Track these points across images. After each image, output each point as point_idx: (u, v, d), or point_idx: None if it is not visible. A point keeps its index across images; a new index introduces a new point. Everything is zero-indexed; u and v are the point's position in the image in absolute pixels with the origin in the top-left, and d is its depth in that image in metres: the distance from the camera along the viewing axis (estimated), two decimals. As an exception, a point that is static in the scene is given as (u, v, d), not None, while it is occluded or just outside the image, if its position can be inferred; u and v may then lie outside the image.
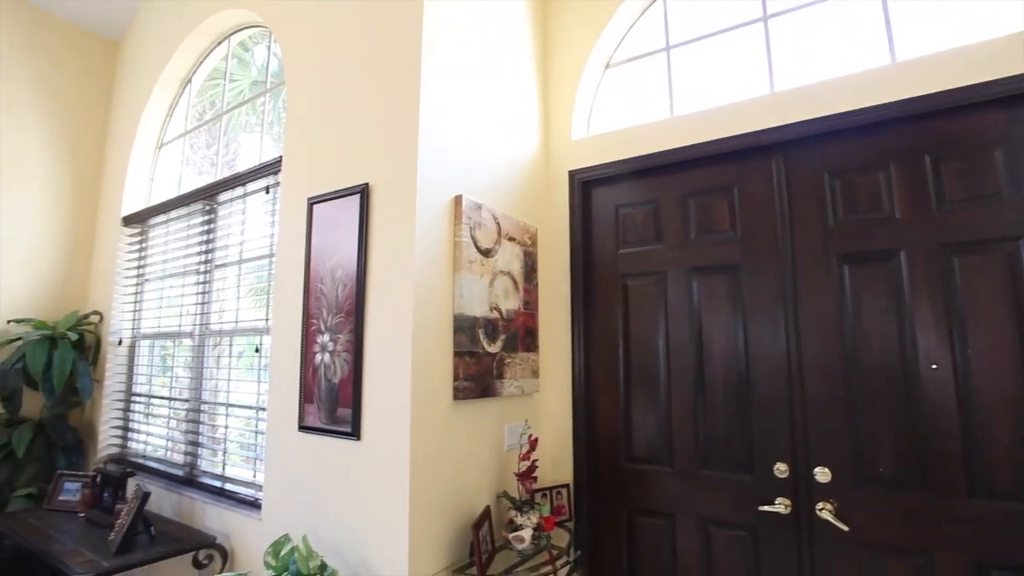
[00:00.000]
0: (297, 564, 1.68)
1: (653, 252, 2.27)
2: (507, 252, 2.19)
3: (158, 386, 3.09)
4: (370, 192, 1.92)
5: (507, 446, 2.16)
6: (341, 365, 1.89)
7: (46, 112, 3.44)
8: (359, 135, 2.01)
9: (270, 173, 2.48)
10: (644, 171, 2.31)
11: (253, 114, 2.98)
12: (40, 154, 3.40)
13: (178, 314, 2.92)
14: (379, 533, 1.74)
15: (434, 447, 1.79)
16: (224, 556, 2.22)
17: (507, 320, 2.16)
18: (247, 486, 2.35)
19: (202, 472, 2.62)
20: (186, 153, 3.36)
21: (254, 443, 2.40)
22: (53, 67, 3.48)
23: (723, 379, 2.05)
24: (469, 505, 1.93)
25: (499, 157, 2.25)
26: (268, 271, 2.45)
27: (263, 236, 2.50)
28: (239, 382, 2.56)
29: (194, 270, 2.85)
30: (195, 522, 2.44)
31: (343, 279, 1.92)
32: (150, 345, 3.19)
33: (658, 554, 2.13)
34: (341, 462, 1.87)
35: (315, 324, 2.00)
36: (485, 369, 2.02)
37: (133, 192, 3.42)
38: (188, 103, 3.40)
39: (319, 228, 2.05)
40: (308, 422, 1.98)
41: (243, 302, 2.59)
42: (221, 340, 2.69)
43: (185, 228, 2.99)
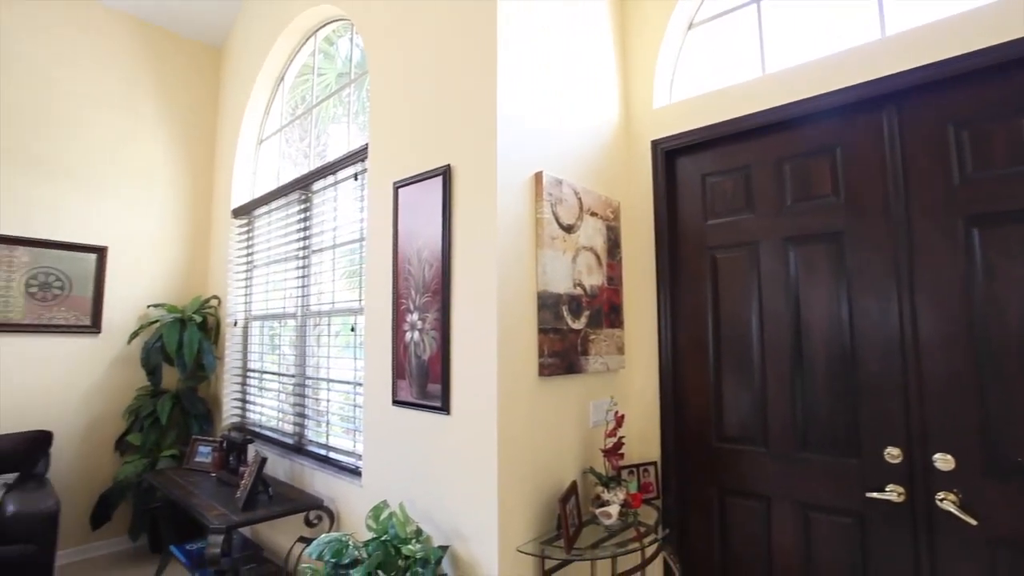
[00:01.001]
0: (395, 528, 1.80)
1: (744, 222, 2.14)
2: (589, 227, 2.16)
3: (268, 363, 3.40)
4: (452, 173, 1.96)
5: (592, 422, 2.16)
6: (430, 343, 1.97)
7: (165, 118, 3.81)
8: (439, 117, 2.05)
9: (358, 160, 2.60)
10: (733, 136, 2.17)
11: (340, 105, 3.12)
12: (162, 156, 3.79)
13: (282, 297, 3.17)
14: (469, 503, 1.82)
15: (520, 422, 1.83)
16: (331, 517, 2.42)
17: (591, 296, 2.15)
18: (348, 455, 2.54)
19: (309, 441, 2.86)
20: (282, 147, 3.60)
21: (353, 416, 2.57)
22: (169, 76, 3.84)
23: (824, 356, 1.92)
24: (555, 479, 1.96)
25: (578, 131, 2.21)
26: (360, 254, 2.58)
27: (354, 221, 2.64)
28: (338, 359, 2.74)
29: (294, 255, 3.07)
30: (305, 486, 2.67)
31: (429, 259, 1.99)
32: (260, 325, 3.49)
33: (752, 537, 2.05)
34: (432, 435, 1.97)
35: (404, 304, 2.10)
36: (569, 346, 2.02)
37: (240, 186, 3.74)
38: (282, 100, 3.63)
39: (405, 211, 2.13)
40: (401, 397, 2.09)
41: (338, 284, 2.76)
42: (320, 320, 2.89)
43: (284, 217, 3.22)
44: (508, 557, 1.74)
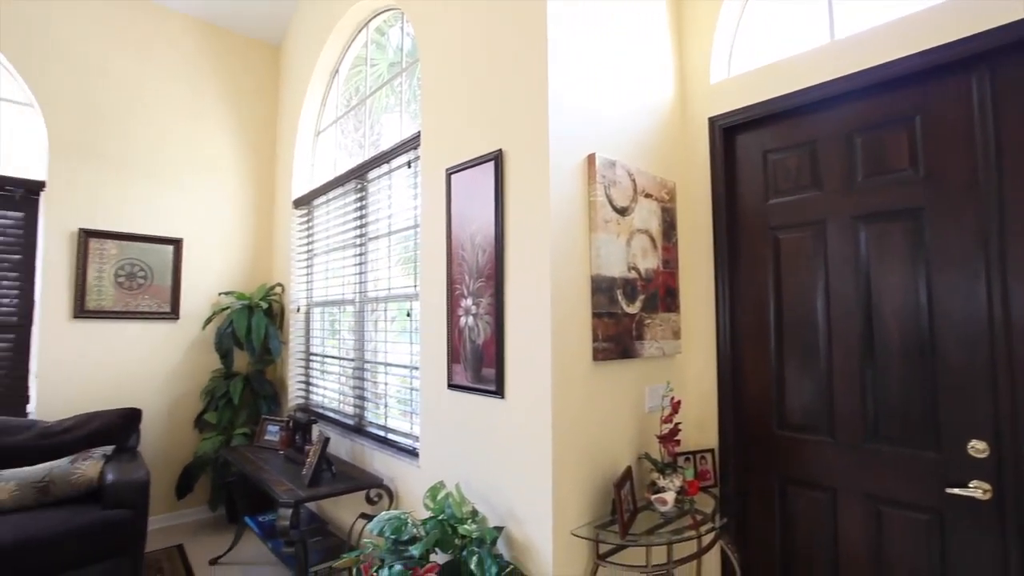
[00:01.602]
0: (452, 508, 1.85)
1: (810, 200, 2.03)
2: (644, 209, 2.11)
3: (329, 347, 3.54)
4: (504, 158, 1.96)
5: (648, 408, 2.13)
6: (484, 327, 1.99)
7: (231, 115, 4.00)
8: (490, 102, 2.05)
9: (410, 148, 2.64)
10: (797, 109, 2.05)
11: (392, 95, 3.17)
12: (229, 152, 3.98)
13: (341, 283, 3.29)
14: (524, 486, 1.84)
15: (575, 406, 1.83)
16: (390, 496, 2.52)
17: (646, 280, 2.10)
18: (406, 437, 2.62)
19: (368, 423, 2.97)
20: (338, 138, 3.70)
21: (410, 399, 2.65)
22: (233, 76, 4.02)
23: (899, 341, 1.80)
24: (610, 464, 1.96)
25: (632, 111, 2.15)
26: (414, 241, 2.64)
27: (408, 208, 2.69)
28: (394, 344, 2.82)
29: (351, 243, 3.17)
30: (365, 465, 2.78)
31: (482, 245, 2.01)
32: (321, 311, 3.64)
33: (816, 529, 1.97)
34: (487, 418, 2.00)
35: (458, 289, 2.13)
36: (624, 330, 1.99)
37: (299, 177, 3.88)
38: (337, 92, 3.73)
39: (457, 197, 2.15)
40: (456, 381, 2.13)
41: (394, 270, 2.83)
42: (377, 306, 2.98)
43: (342, 206, 3.33)
44: (562, 540, 1.76)
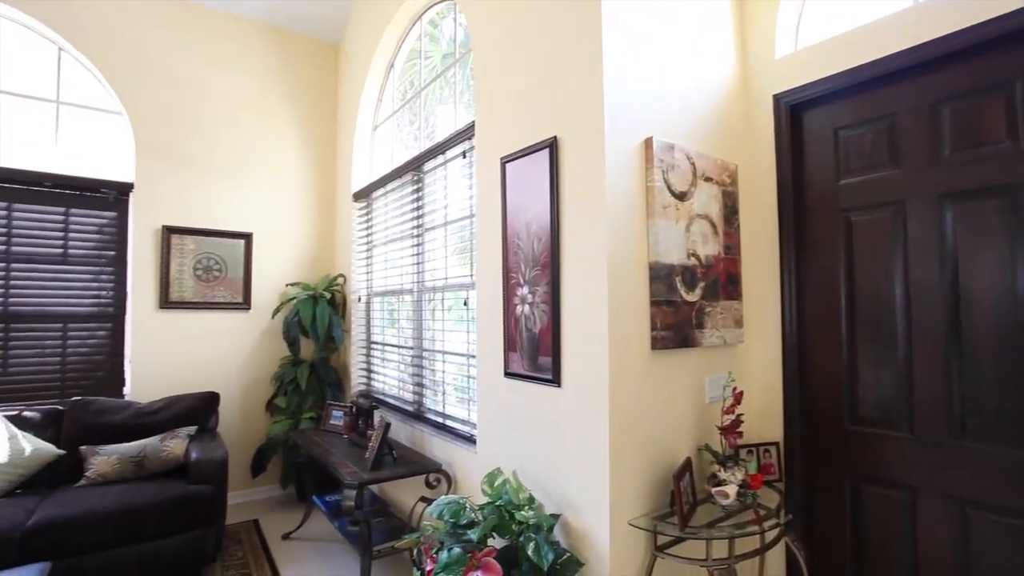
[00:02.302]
0: (509, 494, 1.87)
1: (887, 178, 1.89)
2: (704, 194, 2.04)
3: (389, 335, 3.65)
4: (558, 145, 1.94)
5: (708, 398, 2.07)
6: (540, 316, 1.99)
7: (294, 114, 4.17)
8: (543, 88, 2.03)
9: (465, 139, 2.66)
10: (873, 81, 1.91)
11: (446, 86, 3.20)
12: (292, 149, 4.16)
13: (399, 274, 3.38)
14: (580, 474, 1.83)
15: (633, 396, 1.80)
16: (449, 480, 2.58)
17: (706, 267, 2.04)
18: (464, 423, 2.67)
19: (427, 409, 3.05)
20: (394, 131, 3.78)
21: (467, 386, 2.70)
22: (296, 75, 4.19)
23: (992, 331, 1.66)
24: (668, 455, 1.92)
25: (691, 91, 2.07)
26: (470, 230, 2.66)
27: (464, 199, 2.72)
28: (452, 332, 2.88)
29: (409, 234, 3.25)
30: (425, 450, 2.86)
31: (538, 233, 2.00)
32: (381, 301, 3.76)
33: (892, 531, 1.86)
34: (544, 406, 2.00)
35: (514, 278, 2.14)
36: (684, 318, 1.94)
37: (358, 171, 4.00)
38: (393, 86, 3.81)
39: (512, 185, 2.16)
40: (512, 369, 2.15)
41: (450, 260, 2.88)
42: (434, 295, 3.04)
43: (399, 198, 3.41)
44: (619, 530, 1.74)
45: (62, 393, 3.32)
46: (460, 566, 1.63)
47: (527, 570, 1.70)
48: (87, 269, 3.45)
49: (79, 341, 3.41)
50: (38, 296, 3.30)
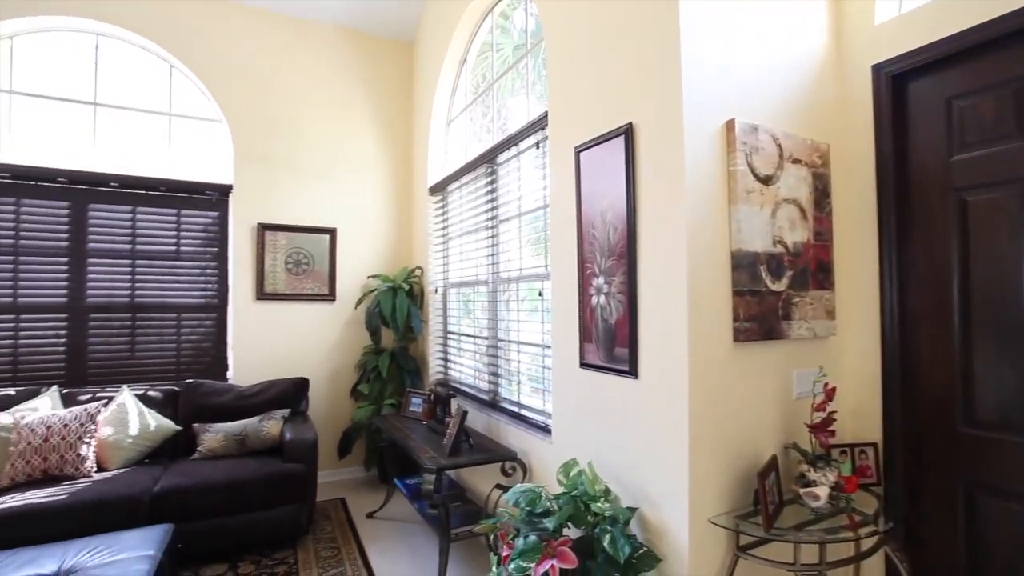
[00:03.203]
0: (584, 485, 1.87)
1: (1012, 152, 1.69)
2: (791, 177, 1.92)
3: (465, 326, 3.74)
4: (634, 131, 1.89)
5: (796, 394, 1.95)
6: (616, 306, 1.97)
7: (373, 112, 4.35)
8: (618, 73, 1.98)
9: (538, 129, 2.66)
10: (997, 42, 1.70)
11: (517, 78, 3.21)
12: (372, 146, 4.35)
13: (475, 265, 3.44)
14: (658, 468, 1.80)
15: (713, 389, 1.74)
16: (524, 469, 2.61)
17: (794, 254, 1.92)
18: (538, 413, 2.69)
19: (502, 398, 3.10)
20: (468, 125, 3.85)
21: (542, 376, 2.71)
22: (374, 75, 4.36)
23: None
24: (752, 452, 1.84)
25: (777, 67, 1.95)
26: (544, 221, 2.67)
27: (537, 189, 2.72)
28: (526, 323, 2.90)
29: (483, 226, 3.30)
30: (500, 438, 2.92)
31: (613, 222, 1.97)
32: (457, 292, 3.85)
33: (1016, 548, 1.67)
34: (620, 398, 1.98)
35: (589, 268, 2.12)
36: (769, 309, 1.84)
37: (433, 165, 4.11)
38: (466, 80, 3.87)
39: (587, 174, 2.13)
40: (588, 359, 2.13)
41: (525, 251, 2.90)
42: (509, 286, 3.08)
43: (473, 190, 3.47)
44: (699, 527, 1.69)
45: (177, 375, 3.69)
46: (536, 553, 1.65)
47: (603, 562, 1.70)
48: (195, 264, 3.80)
49: (190, 329, 3.77)
50: (157, 289, 3.68)
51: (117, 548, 2.09)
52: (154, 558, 2.04)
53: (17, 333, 3.35)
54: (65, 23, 3.49)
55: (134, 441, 3.04)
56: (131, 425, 3.07)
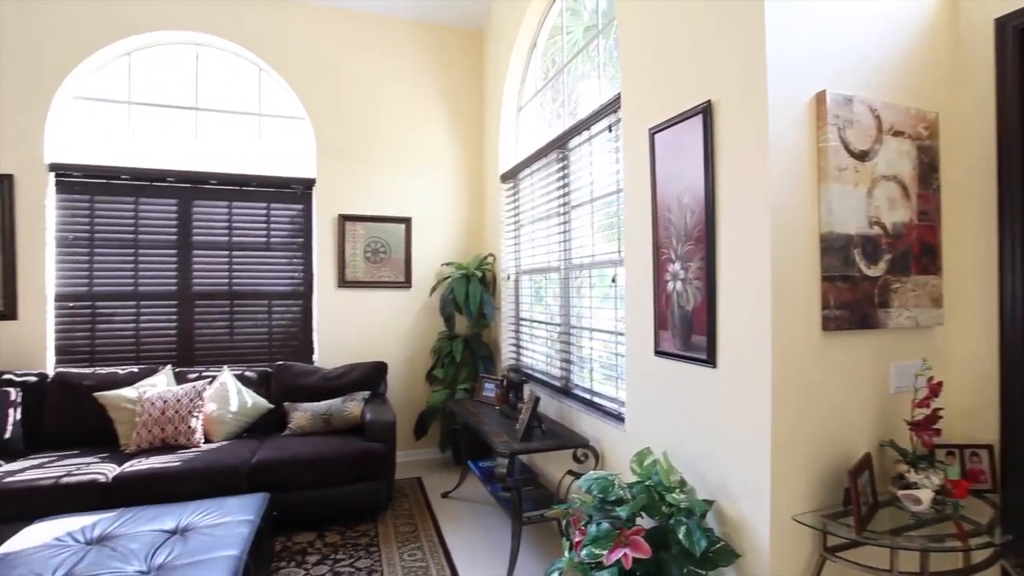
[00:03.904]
0: (659, 475, 1.83)
1: None
2: (891, 151, 1.75)
3: (536, 312, 3.76)
4: (713, 109, 1.80)
5: (894, 388, 1.80)
6: (693, 293, 1.90)
7: (445, 102, 4.43)
8: (695, 48, 1.89)
9: (610, 112, 2.59)
10: None
11: (588, 61, 3.14)
12: (444, 136, 4.43)
13: (546, 252, 3.44)
14: (737, 461, 1.73)
15: (799, 380, 1.64)
16: (596, 456, 2.60)
17: (893, 236, 1.76)
18: (611, 401, 2.66)
19: (574, 385, 3.09)
20: (538, 111, 3.82)
21: (615, 364, 2.68)
22: (445, 65, 4.44)
23: None
24: (842, 449, 1.72)
25: (876, 29, 1.78)
26: (617, 206, 2.61)
27: (609, 174, 2.67)
28: (599, 309, 2.87)
29: (555, 212, 3.28)
30: (572, 425, 2.92)
31: (690, 205, 1.89)
32: (529, 279, 3.87)
33: None
34: (697, 387, 1.91)
35: (665, 253, 2.05)
36: (863, 296, 1.70)
37: (504, 153, 4.13)
38: (536, 66, 3.84)
39: (662, 156, 2.06)
40: (663, 347, 2.08)
41: (597, 237, 2.86)
42: (581, 272, 3.05)
43: (545, 177, 3.45)
44: (781, 524, 1.61)
45: (269, 357, 3.99)
46: (608, 541, 1.65)
47: (677, 554, 1.66)
48: (283, 254, 4.07)
49: (280, 315, 4.05)
50: (251, 277, 3.99)
51: (222, 512, 2.30)
52: (253, 523, 2.24)
53: (138, 317, 3.76)
54: (172, 37, 3.82)
55: (234, 416, 3.33)
56: (231, 402, 3.35)
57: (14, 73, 3.45)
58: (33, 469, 2.76)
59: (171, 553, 1.97)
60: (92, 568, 1.87)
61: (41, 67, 3.50)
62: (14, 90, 3.45)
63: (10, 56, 3.44)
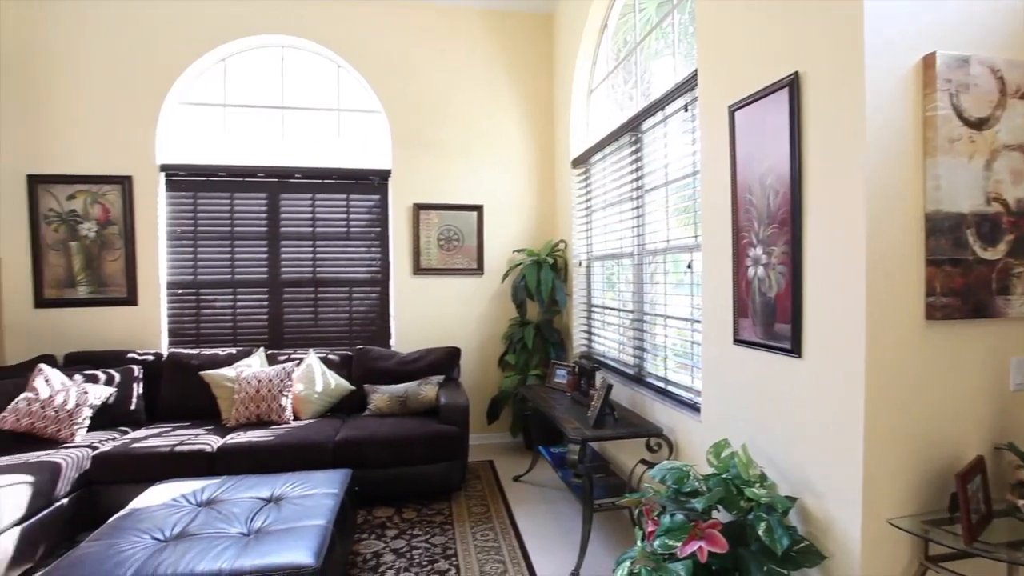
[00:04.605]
0: (737, 468, 1.76)
1: None
2: (1017, 116, 1.55)
3: (608, 299, 3.70)
4: (800, 81, 1.67)
5: (1014, 385, 1.61)
6: (776, 279, 1.79)
7: (513, 88, 4.43)
8: (779, 19, 1.76)
9: (686, 91, 2.48)
10: None
11: (661, 38, 3.01)
12: (514, 123, 4.43)
13: (619, 237, 3.37)
14: (824, 458, 1.62)
15: (898, 373, 1.51)
16: (670, 446, 2.53)
17: (1017, 214, 1.56)
18: (686, 390, 2.58)
19: (648, 373, 3.02)
20: (610, 94, 3.72)
21: (690, 352, 2.59)
22: (514, 52, 4.42)
23: None
24: (948, 450, 1.56)
25: (1000, -18, 1.57)
26: (693, 189, 2.50)
27: (685, 155, 2.56)
28: (673, 296, 2.78)
29: (628, 197, 3.20)
30: (645, 413, 2.86)
31: (774, 186, 1.78)
32: (601, 265, 3.82)
33: None
34: (779, 378, 1.81)
35: (745, 238, 1.95)
36: (977, 281, 1.53)
37: (575, 138, 4.07)
38: (607, 47, 3.73)
39: (743, 135, 1.94)
40: (743, 336, 1.98)
41: (672, 222, 2.76)
42: (655, 258, 2.96)
43: (617, 161, 3.37)
44: (874, 527, 1.50)
45: (350, 342, 4.21)
46: (683, 533, 1.60)
47: (757, 551, 1.59)
48: (362, 243, 4.26)
49: (359, 301, 4.26)
50: (333, 265, 4.22)
51: (310, 484, 2.47)
52: (338, 496, 2.38)
53: (235, 303, 4.09)
54: (261, 41, 4.07)
55: (319, 397, 3.55)
56: (317, 383, 3.58)
57: (132, 85, 3.84)
58: (153, 437, 3.10)
59: (267, 519, 2.15)
60: (202, 528, 2.08)
61: (153, 78, 3.86)
62: (131, 100, 3.84)
63: (128, 70, 3.83)
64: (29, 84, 3.72)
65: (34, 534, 2.48)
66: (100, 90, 3.80)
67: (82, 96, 3.78)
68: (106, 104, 3.81)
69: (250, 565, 1.82)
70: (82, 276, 3.81)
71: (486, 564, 2.55)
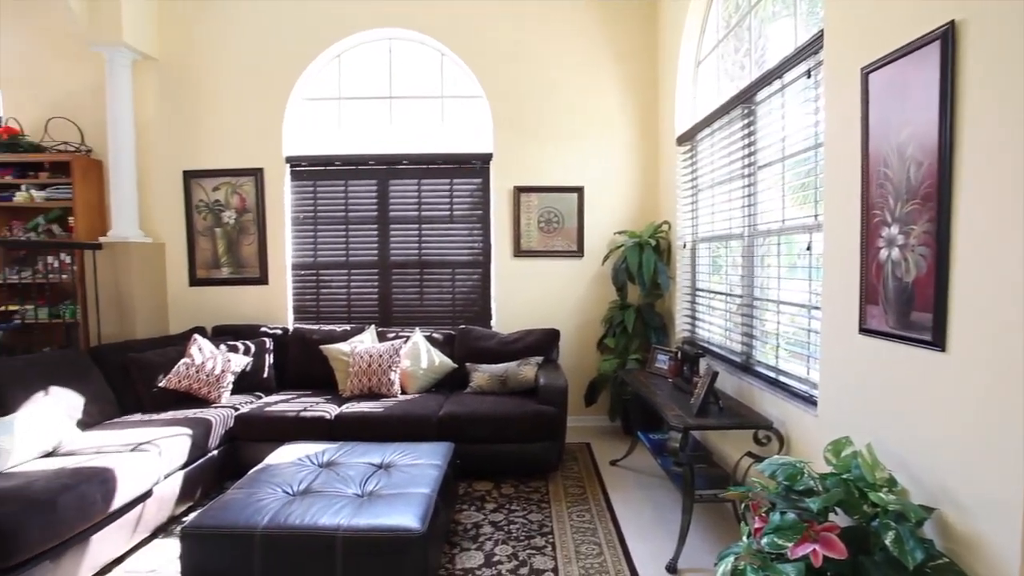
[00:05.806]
0: (860, 469, 1.61)
1: None
2: None
3: (714, 283, 3.51)
4: (956, 32, 1.44)
5: None
6: (916, 261, 1.58)
7: (614, 67, 4.29)
8: (933, -38, 1.53)
9: (808, 55, 2.25)
10: None
11: (778, 1, 2.75)
12: (616, 102, 4.31)
13: (727, 218, 3.17)
14: (971, 465, 1.43)
15: (1073, 374, 1.28)
16: (780, 440, 2.37)
17: None
18: (800, 381, 2.39)
19: (756, 362, 2.84)
20: (719, 64, 3.48)
21: (806, 340, 2.39)
22: (614, 30, 4.28)
23: None
24: None
25: None
26: (814, 164, 2.28)
27: (806, 127, 2.33)
28: (786, 280, 2.57)
29: (738, 174, 2.99)
30: (753, 404, 2.69)
31: (916, 156, 1.56)
32: (707, 247, 3.62)
33: None
34: (915, 373, 1.62)
35: (878, 216, 1.74)
36: None
37: (681, 114, 3.87)
38: (716, 14, 3.48)
39: (878, 100, 1.73)
40: (871, 325, 1.79)
41: (787, 200, 2.54)
42: (767, 240, 2.75)
43: (726, 136, 3.16)
44: (1039, 549, 1.30)
45: (452, 322, 4.38)
46: (795, 533, 1.50)
47: (882, 562, 1.45)
48: (464, 226, 4.40)
49: (461, 282, 4.42)
50: (437, 247, 4.41)
51: (417, 454, 2.64)
52: (441, 467, 2.52)
53: (349, 283, 4.43)
54: (372, 35, 4.31)
55: (424, 373, 3.75)
56: (422, 360, 3.78)
57: (264, 85, 4.27)
58: (282, 403, 3.48)
59: (378, 483, 2.34)
60: (323, 486, 2.31)
61: (280, 77, 4.26)
62: (263, 98, 4.27)
63: (260, 70, 4.26)
64: (184, 86, 4.27)
65: (194, 478, 2.94)
66: (238, 90, 4.26)
67: (224, 96, 4.27)
68: (242, 102, 4.26)
69: (364, 524, 1.99)
70: (224, 258, 4.34)
71: (581, 544, 2.57)
